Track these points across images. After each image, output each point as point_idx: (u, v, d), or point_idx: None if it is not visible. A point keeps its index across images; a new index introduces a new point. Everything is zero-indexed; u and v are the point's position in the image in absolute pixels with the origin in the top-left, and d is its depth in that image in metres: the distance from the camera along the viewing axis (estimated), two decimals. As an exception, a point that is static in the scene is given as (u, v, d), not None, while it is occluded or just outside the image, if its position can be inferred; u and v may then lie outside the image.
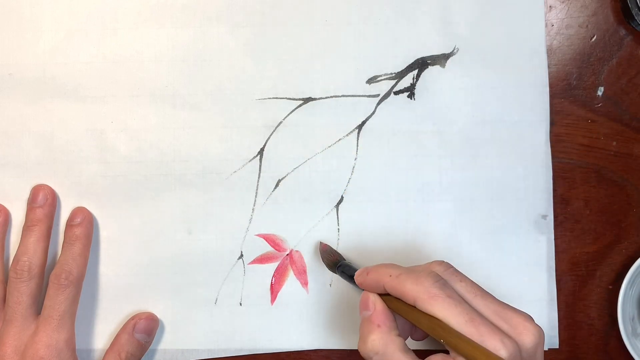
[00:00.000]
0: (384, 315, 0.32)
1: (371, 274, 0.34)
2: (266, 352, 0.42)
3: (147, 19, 0.41)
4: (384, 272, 0.33)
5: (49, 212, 0.40)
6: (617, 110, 0.43)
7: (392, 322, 0.32)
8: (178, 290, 0.42)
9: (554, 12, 0.43)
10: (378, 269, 0.34)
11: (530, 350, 0.30)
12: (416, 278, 0.31)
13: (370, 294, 0.34)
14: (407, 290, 0.31)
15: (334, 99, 0.42)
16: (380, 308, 0.33)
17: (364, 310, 0.33)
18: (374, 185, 0.42)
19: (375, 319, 0.32)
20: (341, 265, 0.39)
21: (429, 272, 0.32)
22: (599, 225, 0.43)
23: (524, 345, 0.30)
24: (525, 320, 0.31)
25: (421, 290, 0.31)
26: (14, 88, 0.41)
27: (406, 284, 0.31)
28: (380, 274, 0.33)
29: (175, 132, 0.42)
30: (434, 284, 0.31)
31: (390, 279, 0.32)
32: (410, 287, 0.31)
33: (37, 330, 0.38)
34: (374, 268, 0.34)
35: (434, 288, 0.31)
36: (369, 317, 0.33)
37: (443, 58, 0.42)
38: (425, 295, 0.30)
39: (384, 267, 0.34)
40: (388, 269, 0.33)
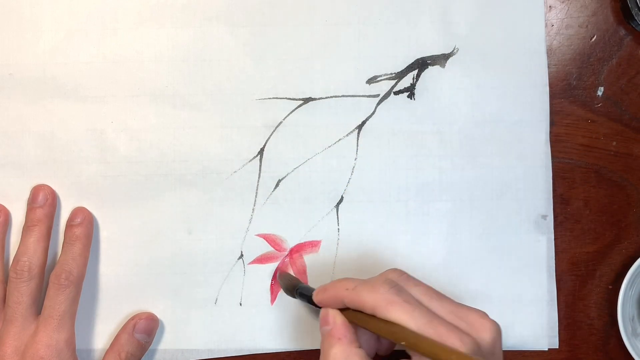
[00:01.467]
0: (344, 329, 0.33)
1: (328, 290, 0.35)
2: (266, 352, 0.42)
3: (147, 19, 0.41)
4: (340, 286, 0.34)
5: (49, 212, 0.40)
6: (617, 110, 0.43)
7: (352, 335, 0.33)
8: (178, 290, 0.42)
9: (554, 12, 0.43)
10: (334, 284, 0.35)
11: (488, 346, 0.31)
12: (372, 287, 0.32)
13: (329, 309, 0.34)
14: (365, 300, 0.32)
15: (334, 99, 0.42)
16: (340, 321, 0.33)
17: (324, 325, 0.34)
18: (374, 185, 0.42)
19: (336, 333, 0.33)
20: (299, 288, 0.39)
21: (384, 280, 0.32)
22: (599, 225, 0.43)
23: (483, 341, 0.31)
24: (481, 317, 0.31)
25: (378, 298, 0.31)
26: (14, 88, 0.41)
27: (363, 294, 0.32)
28: (337, 289, 0.34)
29: (175, 132, 0.42)
30: (390, 290, 0.32)
31: (348, 292, 0.33)
32: (367, 297, 0.32)
33: (37, 330, 0.38)
34: (330, 285, 0.35)
35: (390, 294, 0.31)
36: (329, 331, 0.33)
37: (443, 58, 0.42)
38: (383, 302, 0.31)
39: (339, 282, 0.34)
40: (343, 282, 0.34)
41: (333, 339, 0.33)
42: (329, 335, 0.33)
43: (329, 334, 0.33)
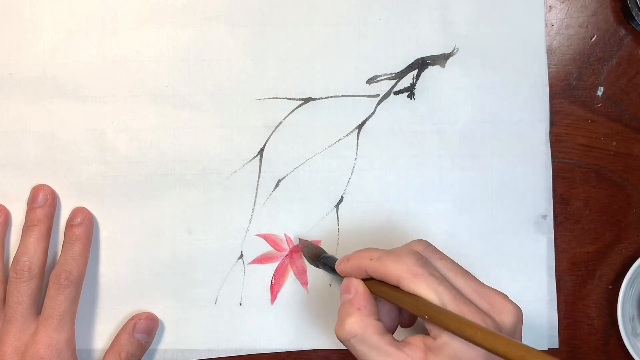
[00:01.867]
0: (364, 299, 0.32)
1: (352, 259, 0.34)
2: (266, 352, 0.42)
3: (147, 19, 0.41)
4: (364, 255, 0.33)
5: (49, 212, 0.40)
6: (617, 110, 0.43)
7: (372, 307, 0.32)
8: (178, 290, 0.42)
9: (554, 12, 0.43)
10: (358, 254, 0.34)
11: (509, 329, 0.30)
12: (398, 258, 0.31)
13: (352, 278, 0.34)
14: (390, 271, 0.31)
15: (334, 99, 0.42)
16: (362, 291, 0.33)
17: (345, 293, 0.33)
18: (374, 185, 0.42)
19: (356, 302, 0.32)
20: (322, 257, 0.39)
21: (410, 251, 0.32)
22: (599, 225, 0.43)
23: (504, 324, 0.30)
24: (503, 299, 0.31)
25: (404, 270, 0.31)
26: (14, 88, 0.41)
27: (388, 265, 0.31)
28: (361, 258, 0.33)
29: (175, 132, 0.42)
30: (416, 262, 0.31)
31: (372, 261, 0.32)
32: (392, 267, 0.31)
33: (37, 330, 0.38)
34: (354, 254, 0.34)
35: (416, 266, 0.31)
36: (350, 300, 0.32)
37: (443, 58, 0.42)
38: (408, 274, 0.30)
39: (363, 252, 0.33)
40: (368, 252, 0.33)
41: (352, 307, 0.32)
42: (349, 303, 0.32)
43: (349, 303, 0.32)
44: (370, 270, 0.32)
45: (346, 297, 0.33)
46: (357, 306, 0.32)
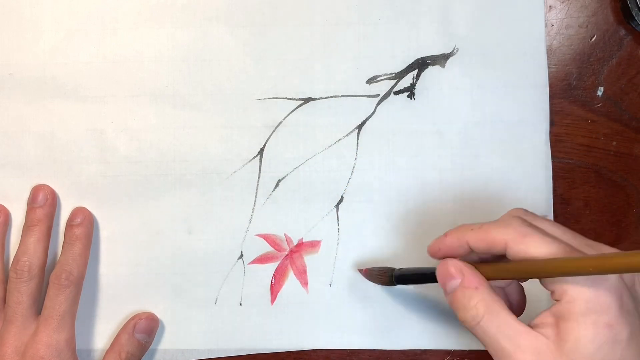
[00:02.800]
0: (478, 276, 0.30)
1: (449, 235, 0.31)
2: (266, 352, 0.42)
3: (147, 19, 0.41)
4: (463, 229, 0.31)
5: (49, 212, 0.40)
6: (617, 110, 0.43)
7: (487, 283, 0.30)
8: (178, 290, 0.42)
9: (554, 12, 0.43)
10: (456, 229, 0.31)
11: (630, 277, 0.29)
12: (502, 223, 0.30)
13: (449, 261, 0.31)
14: (495, 237, 0.29)
15: (334, 99, 0.42)
16: (469, 271, 0.30)
17: (450, 281, 0.30)
18: (374, 185, 0.42)
19: (470, 282, 0.30)
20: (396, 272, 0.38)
21: (512, 217, 0.30)
22: (599, 225, 0.43)
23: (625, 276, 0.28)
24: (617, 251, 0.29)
25: (511, 232, 0.29)
26: (14, 88, 0.41)
27: (492, 231, 0.29)
28: (461, 232, 0.31)
29: (175, 132, 0.42)
30: (522, 223, 0.29)
31: (473, 231, 0.30)
32: (497, 233, 0.29)
33: (38, 330, 0.38)
34: (451, 232, 0.32)
35: (523, 227, 0.29)
36: (461, 283, 0.30)
37: (443, 58, 0.42)
38: (517, 235, 0.28)
39: (461, 226, 0.31)
40: (468, 225, 0.31)
41: (469, 289, 0.29)
42: (462, 287, 0.30)
43: (462, 286, 0.30)
44: (473, 240, 0.30)
45: (454, 283, 0.30)
46: (474, 285, 0.30)
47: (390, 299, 0.42)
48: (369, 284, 0.42)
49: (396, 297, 0.42)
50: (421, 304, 0.42)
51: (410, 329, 0.42)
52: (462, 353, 0.42)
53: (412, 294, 0.42)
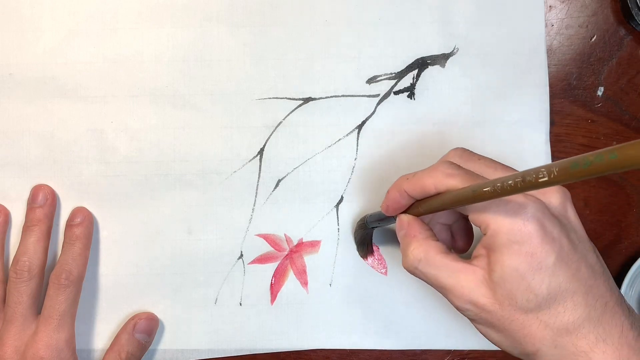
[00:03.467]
0: (417, 226, 0.32)
1: (390, 190, 0.34)
2: (266, 352, 0.42)
3: (147, 19, 0.41)
4: (400, 180, 0.33)
5: (49, 212, 0.40)
6: (617, 110, 0.43)
7: (427, 231, 0.32)
8: (178, 290, 0.42)
9: (554, 12, 0.43)
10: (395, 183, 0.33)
11: (558, 207, 0.30)
12: (431, 169, 0.31)
13: (400, 215, 0.34)
14: (426, 182, 0.31)
15: (334, 99, 0.42)
16: (411, 220, 0.33)
17: (400, 231, 0.33)
18: (374, 185, 0.42)
19: (410, 232, 0.32)
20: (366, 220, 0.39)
21: (442, 161, 0.32)
22: (599, 225, 0.43)
23: (551, 202, 0.30)
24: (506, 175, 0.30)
25: (438, 176, 0.30)
26: (14, 88, 0.41)
27: (423, 177, 0.31)
28: (398, 184, 0.33)
29: (175, 132, 0.42)
30: (449, 166, 0.31)
31: (408, 181, 0.32)
32: (427, 177, 0.31)
33: (37, 330, 0.38)
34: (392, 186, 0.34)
35: (450, 169, 0.30)
36: (404, 233, 0.33)
37: (443, 58, 0.42)
38: (443, 177, 0.30)
39: (399, 179, 0.33)
40: (403, 177, 0.33)
41: (409, 237, 0.32)
42: (405, 235, 0.33)
43: (405, 235, 0.33)
44: (408, 189, 0.32)
45: (401, 233, 0.33)
46: (412, 234, 0.32)
47: (390, 299, 0.42)
48: (369, 284, 0.42)
49: (396, 297, 0.42)
50: (421, 303, 0.42)
51: (410, 329, 0.42)
52: (462, 353, 0.42)
53: (412, 294, 0.42)
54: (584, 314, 0.28)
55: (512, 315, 0.29)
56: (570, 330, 0.28)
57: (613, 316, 0.28)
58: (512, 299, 0.28)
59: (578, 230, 0.30)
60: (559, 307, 0.28)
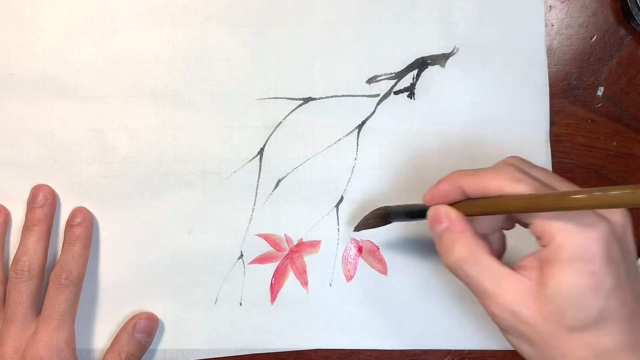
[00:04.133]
0: (463, 222, 0.31)
1: (443, 182, 0.32)
2: (266, 352, 0.42)
3: (147, 19, 0.41)
4: (457, 175, 0.31)
5: (49, 212, 0.40)
6: (617, 110, 0.43)
7: (473, 228, 0.31)
8: (178, 290, 0.42)
9: (554, 12, 0.43)
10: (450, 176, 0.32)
11: (620, 228, 0.29)
12: (496, 169, 0.30)
13: (440, 206, 0.32)
14: (490, 182, 0.29)
15: (334, 99, 0.42)
16: (456, 215, 0.31)
17: (437, 225, 0.31)
18: (374, 185, 0.42)
19: (456, 227, 0.31)
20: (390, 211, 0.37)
21: (507, 164, 0.30)
22: (599, 225, 0.43)
23: (616, 221, 0.28)
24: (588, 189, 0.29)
25: (504, 177, 0.29)
26: (14, 88, 0.41)
27: (486, 177, 0.30)
28: (455, 178, 0.31)
29: (175, 132, 0.42)
30: (516, 170, 0.29)
31: (468, 177, 0.30)
32: (492, 178, 0.29)
33: (37, 330, 0.38)
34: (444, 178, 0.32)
35: (517, 173, 0.29)
36: (448, 227, 0.31)
37: (443, 58, 0.42)
38: (510, 180, 0.29)
39: (456, 172, 0.32)
40: (461, 171, 0.31)
41: (453, 233, 0.30)
42: (448, 231, 0.31)
43: (448, 230, 0.31)
44: (468, 185, 0.30)
45: (441, 227, 0.31)
46: (458, 230, 0.30)
47: (390, 299, 0.42)
48: (369, 284, 0.42)
49: (396, 297, 0.42)
50: (421, 303, 0.42)
51: (410, 329, 0.42)
52: (462, 353, 0.42)
53: (412, 294, 0.42)
54: (626, 340, 0.27)
55: (555, 332, 0.28)
56: (610, 354, 0.27)
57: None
58: (560, 316, 0.27)
59: (633, 253, 0.29)
60: (606, 330, 0.27)
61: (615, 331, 0.27)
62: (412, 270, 0.42)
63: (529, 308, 0.28)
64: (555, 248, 0.28)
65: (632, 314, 0.28)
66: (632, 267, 0.29)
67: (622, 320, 0.27)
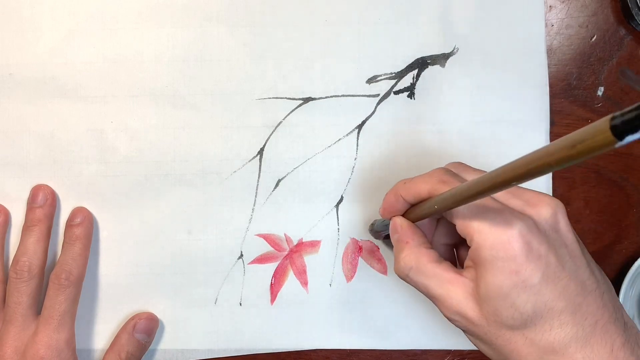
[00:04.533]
0: (410, 232, 0.32)
1: (388, 193, 0.34)
2: (266, 352, 0.42)
3: (147, 19, 0.41)
4: (397, 185, 0.33)
5: (48, 212, 0.40)
6: (617, 110, 0.43)
7: (420, 237, 0.32)
8: (178, 290, 0.42)
9: (554, 12, 0.43)
10: (393, 187, 0.33)
11: (549, 220, 0.28)
12: (427, 174, 0.31)
13: (395, 217, 0.33)
14: (420, 187, 0.31)
15: (334, 99, 0.42)
16: (405, 225, 0.33)
17: (394, 235, 0.33)
18: (374, 185, 0.42)
19: (403, 237, 0.32)
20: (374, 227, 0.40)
21: (437, 169, 0.32)
22: (599, 225, 0.43)
23: (540, 215, 0.28)
24: (539, 194, 0.29)
25: (433, 182, 0.30)
26: (14, 88, 0.41)
27: (418, 182, 0.31)
28: (395, 188, 0.33)
29: (175, 132, 0.42)
30: (445, 173, 0.31)
31: (405, 185, 0.32)
32: (422, 183, 0.31)
33: (37, 330, 0.38)
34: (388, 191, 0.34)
35: (445, 176, 0.30)
36: (398, 237, 0.33)
37: (443, 58, 0.42)
38: (437, 183, 0.30)
39: (397, 183, 0.33)
40: (401, 181, 0.33)
41: (401, 243, 0.32)
42: (398, 241, 0.32)
43: (397, 240, 0.32)
44: (404, 193, 0.32)
45: (394, 237, 0.33)
46: (405, 240, 0.32)
47: (390, 299, 0.42)
48: (369, 284, 0.42)
49: (396, 297, 0.42)
50: (421, 304, 0.42)
51: (410, 329, 0.42)
52: (462, 353, 0.42)
53: (412, 294, 0.42)
54: (571, 333, 0.27)
55: (498, 331, 0.28)
56: (556, 349, 0.27)
57: (603, 335, 0.27)
58: (497, 316, 0.28)
59: (570, 244, 0.29)
60: (545, 326, 0.28)
61: (556, 326, 0.27)
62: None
63: (472, 309, 0.29)
64: (475, 248, 0.28)
65: (574, 306, 0.27)
66: (569, 258, 0.28)
67: (563, 314, 0.27)
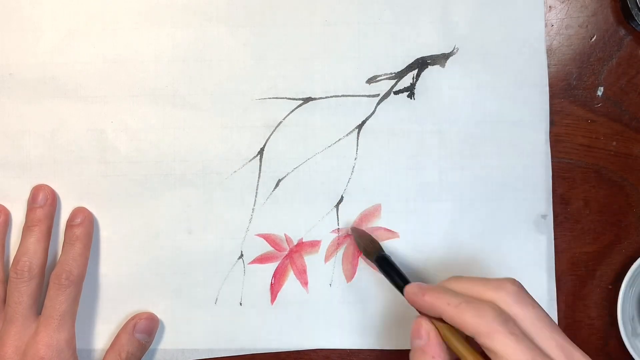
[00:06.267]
0: (438, 348, 0.31)
1: (428, 297, 0.32)
2: (266, 352, 0.42)
3: (147, 19, 0.41)
4: (442, 299, 0.31)
5: (49, 212, 0.40)
6: (617, 110, 0.43)
7: (446, 355, 0.31)
8: (178, 290, 0.42)
9: (554, 12, 0.43)
10: (437, 294, 0.31)
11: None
12: (477, 310, 0.29)
13: (423, 321, 0.32)
14: (467, 323, 0.29)
15: (334, 99, 0.42)
16: (434, 339, 0.31)
17: (417, 338, 0.32)
18: (374, 185, 0.42)
19: (430, 350, 0.31)
20: (380, 257, 0.38)
21: (491, 306, 0.30)
22: (599, 225, 0.43)
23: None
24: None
25: (482, 324, 0.29)
26: (14, 88, 0.41)
27: (466, 316, 0.29)
28: (439, 301, 0.31)
29: (175, 132, 0.42)
30: (496, 318, 0.29)
31: (449, 307, 0.30)
32: (470, 320, 0.29)
33: (38, 330, 0.38)
34: (431, 292, 0.32)
35: (495, 323, 0.29)
36: (422, 347, 0.31)
37: (443, 58, 0.42)
38: (486, 329, 0.29)
39: (442, 294, 0.31)
40: (447, 296, 0.31)
41: (426, 355, 0.31)
42: (421, 351, 0.31)
43: (421, 350, 0.31)
44: (446, 317, 0.31)
45: (418, 342, 0.31)
46: (431, 354, 0.31)
47: (390, 299, 0.42)
48: (369, 284, 0.42)
49: (396, 297, 0.42)
50: (421, 304, 0.42)
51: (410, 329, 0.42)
52: (462, 353, 0.42)
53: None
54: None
55: None
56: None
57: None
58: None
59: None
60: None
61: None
62: (410, 271, 0.42)
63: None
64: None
65: None
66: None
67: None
